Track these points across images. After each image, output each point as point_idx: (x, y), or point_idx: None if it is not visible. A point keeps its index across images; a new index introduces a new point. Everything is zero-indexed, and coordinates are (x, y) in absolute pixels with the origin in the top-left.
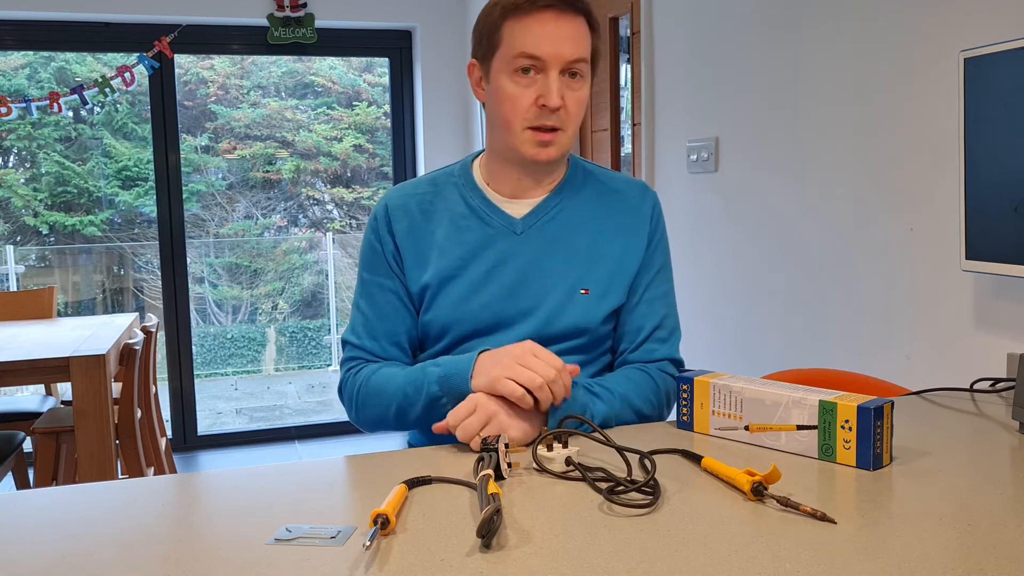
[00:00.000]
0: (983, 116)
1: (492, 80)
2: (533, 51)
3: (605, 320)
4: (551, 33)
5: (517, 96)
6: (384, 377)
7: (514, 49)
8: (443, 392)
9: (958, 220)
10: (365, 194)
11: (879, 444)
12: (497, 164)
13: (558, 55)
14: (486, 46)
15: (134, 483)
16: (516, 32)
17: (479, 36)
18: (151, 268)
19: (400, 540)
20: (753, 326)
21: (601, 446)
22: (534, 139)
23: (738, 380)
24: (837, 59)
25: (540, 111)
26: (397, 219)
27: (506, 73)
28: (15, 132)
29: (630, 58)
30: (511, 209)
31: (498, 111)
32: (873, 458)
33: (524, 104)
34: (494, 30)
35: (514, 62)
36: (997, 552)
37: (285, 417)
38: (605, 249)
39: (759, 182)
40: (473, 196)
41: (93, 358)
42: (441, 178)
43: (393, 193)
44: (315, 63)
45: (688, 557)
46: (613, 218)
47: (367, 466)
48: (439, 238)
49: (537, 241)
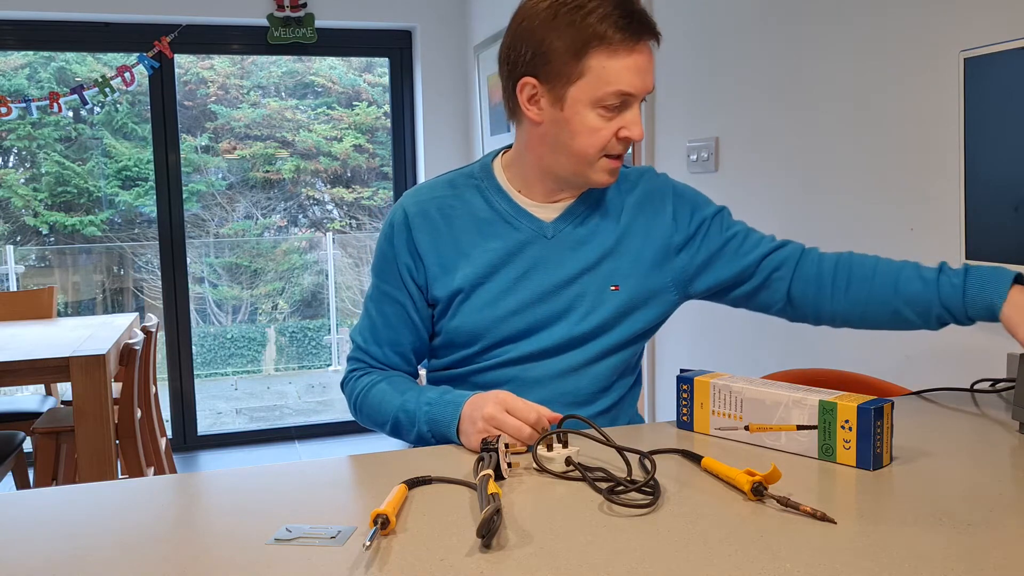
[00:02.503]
0: (983, 116)
1: (568, 108)
2: (631, 90)
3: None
4: (644, 68)
5: (599, 129)
6: (382, 393)
7: (608, 86)
8: (432, 433)
9: (958, 220)
10: (365, 194)
11: (879, 444)
12: (535, 174)
13: (647, 89)
14: (557, 71)
15: (134, 483)
16: (610, 68)
17: (543, 55)
18: (151, 268)
19: (400, 540)
20: (754, 326)
21: (601, 446)
22: (609, 167)
23: (738, 380)
24: (837, 59)
25: (619, 142)
26: (418, 227)
27: (590, 106)
28: (15, 132)
29: None
30: (540, 213)
31: (574, 141)
32: (873, 458)
33: (606, 136)
34: (573, 57)
35: (606, 99)
36: (997, 552)
37: (285, 417)
38: (631, 242)
39: (759, 182)
40: (499, 199)
41: (93, 358)
42: (459, 180)
43: (410, 199)
44: (315, 63)
45: (688, 557)
46: (635, 208)
47: (367, 466)
48: (465, 243)
49: (568, 245)
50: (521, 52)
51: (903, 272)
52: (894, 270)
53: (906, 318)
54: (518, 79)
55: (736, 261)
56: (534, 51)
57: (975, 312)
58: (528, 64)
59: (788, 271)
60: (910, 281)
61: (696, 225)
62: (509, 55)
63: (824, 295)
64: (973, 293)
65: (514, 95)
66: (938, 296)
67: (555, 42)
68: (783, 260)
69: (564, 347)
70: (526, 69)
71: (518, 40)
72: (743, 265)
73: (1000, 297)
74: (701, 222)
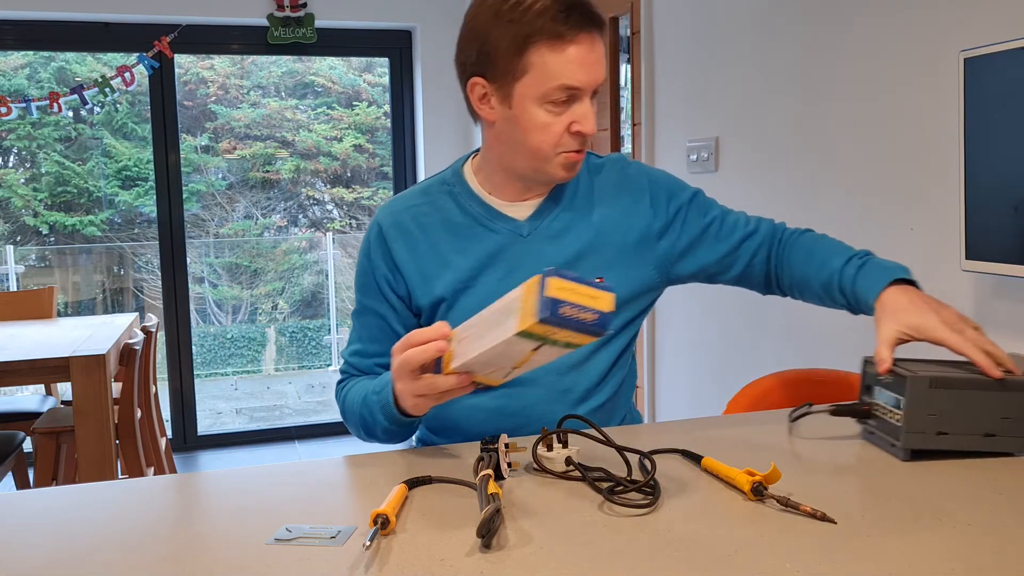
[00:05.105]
0: (983, 116)
1: (515, 106)
2: (575, 83)
3: (630, 300)
4: (587, 60)
5: (550, 124)
6: (350, 399)
7: (551, 81)
8: (387, 419)
9: (958, 220)
10: (365, 194)
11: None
12: (500, 175)
13: (594, 81)
14: (502, 69)
15: (134, 483)
16: (552, 63)
17: (487, 55)
18: (151, 268)
19: (400, 540)
20: (753, 326)
21: (601, 446)
22: (566, 162)
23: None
24: (837, 59)
25: (573, 137)
26: (393, 239)
27: (537, 102)
28: (15, 132)
29: (630, 58)
30: (514, 212)
31: (526, 138)
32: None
33: (557, 131)
34: (515, 54)
35: (551, 94)
36: (997, 552)
37: (285, 417)
38: (610, 233)
39: (759, 182)
40: (471, 203)
41: (93, 358)
42: (433, 187)
43: (384, 211)
44: (315, 63)
45: (688, 557)
46: (609, 198)
47: (367, 466)
48: (444, 251)
49: (545, 241)
50: (468, 52)
51: (831, 255)
52: (827, 251)
53: (828, 302)
54: (467, 79)
55: (717, 246)
56: (479, 50)
57: (862, 308)
58: (475, 64)
59: (765, 253)
60: (827, 264)
61: (674, 211)
62: (459, 56)
63: (784, 272)
64: (861, 286)
65: (468, 96)
66: (839, 285)
67: (498, 40)
68: (760, 244)
69: None
70: (474, 69)
71: (464, 40)
72: (724, 250)
73: (873, 295)
74: (679, 208)
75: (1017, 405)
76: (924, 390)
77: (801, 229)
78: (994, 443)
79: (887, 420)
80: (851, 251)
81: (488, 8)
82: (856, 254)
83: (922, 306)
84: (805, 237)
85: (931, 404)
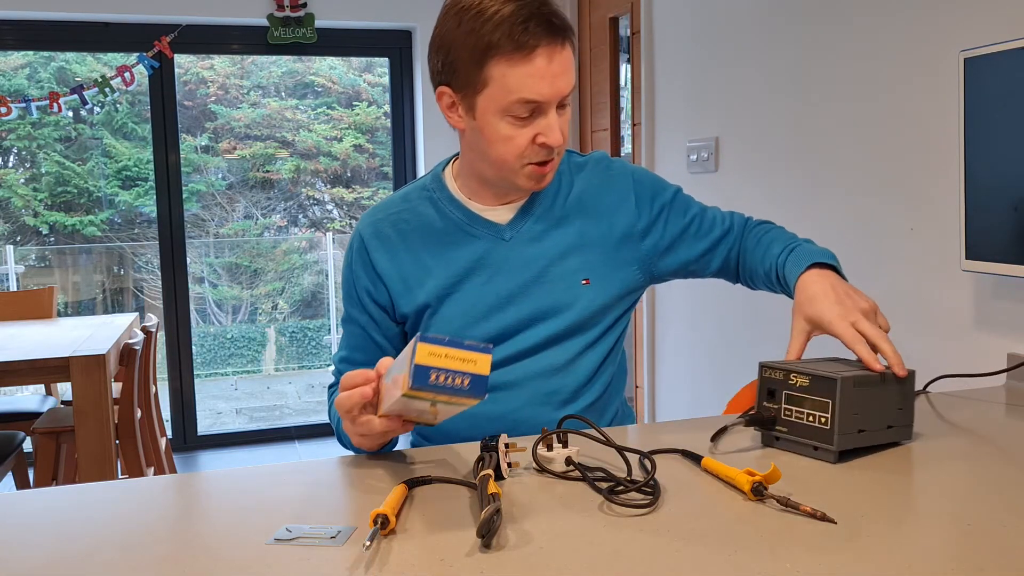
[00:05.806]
0: (983, 116)
1: (479, 118)
2: (534, 97)
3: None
4: (548, 73)
5: (513, 136)
6: (333, 408)
7: (510, 95)
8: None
9: (958, 220)
10: (365, 194)
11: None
12: (477, 181)
13: (558, 94)
14: (464, 80)
15: (134, 483)
16: (510, 77)
17: (451, 65)
18: (151, 268)
19: (400, 540)
20: (754, 326)
21: (601, 446)
22: (533, 174)
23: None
24: (837, 59)
25: (539, 148)
26: (374, 248)
27: (499, 115)
28: (15, 132)
29: (630, 58)
30: (495, 216)
31: (490, 150)
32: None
33: (522, 144)
34: (475, 66)
35: (512, 108)
36: (997, 552)
37: (285, 417)
38: (593, 233)
39: (759, 182)
40: (452, 209)
41: (93, 358)
42: (413, 193)
43: (365, 220)
44: (315, 63)
45: (688, 557)
46: (592, 197)
47: (367, 466)
48: (426, 257)
49: (527, 244)
50: (435, 60)
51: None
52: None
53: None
54: (436, 87)
55: (697, 243)
56: (443, 60)
57: (789, 293)
58: (441, 73)
59: (736, 250)
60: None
61: (658, 210)
62: (429, 62)
63: (743, 263)
64: (786, 271)
65: (438, 103)
66: (776, 272)
67: (460, 51)
68: (735, 239)
69: (542, 346)
70: (440, 78)
71: (432, 47)
72: (704, 247)
73: (793, 279)
74: (663, 207)
75: (906, 393)
76: (851, 390)
77: (762, 221)
78: (892, 434)
79: (803, 424)
80: (794, 240)
81: (453, 16)
82: (794, 242)
83: (829, 294)
84: (760, 228)
85: (854, 403)
